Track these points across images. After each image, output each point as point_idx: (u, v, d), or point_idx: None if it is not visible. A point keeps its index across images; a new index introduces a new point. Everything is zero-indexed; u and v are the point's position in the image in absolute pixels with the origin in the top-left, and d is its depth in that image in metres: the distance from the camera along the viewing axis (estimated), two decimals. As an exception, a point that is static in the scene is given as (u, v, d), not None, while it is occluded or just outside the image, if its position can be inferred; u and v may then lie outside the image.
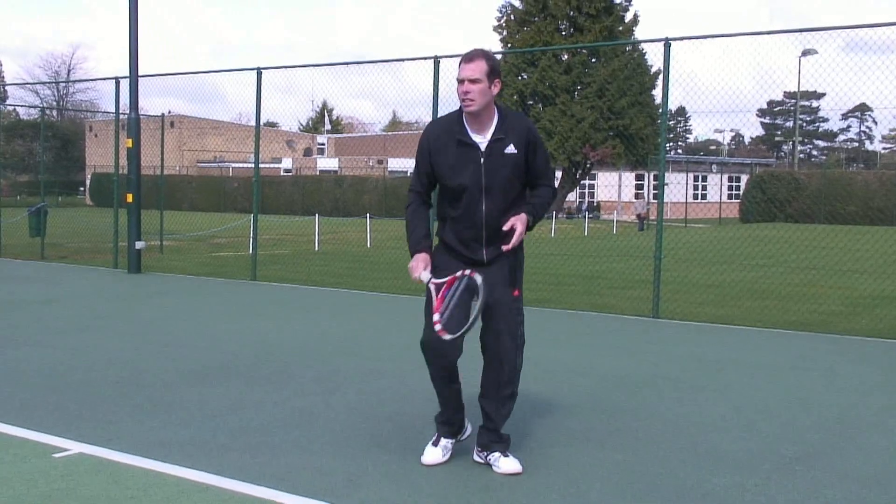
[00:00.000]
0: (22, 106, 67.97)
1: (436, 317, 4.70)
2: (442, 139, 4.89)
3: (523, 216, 4.88)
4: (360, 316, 11.39)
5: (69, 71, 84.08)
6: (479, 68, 4.77)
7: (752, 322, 11.23)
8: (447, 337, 4.66)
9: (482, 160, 4.82)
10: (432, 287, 4.84)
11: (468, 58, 4.83)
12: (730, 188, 61.80)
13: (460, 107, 4.86)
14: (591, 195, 59.26)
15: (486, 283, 4.70)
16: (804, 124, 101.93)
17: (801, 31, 11.19)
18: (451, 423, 5.18)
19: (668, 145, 51.55)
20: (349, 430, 5.84)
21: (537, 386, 7.13)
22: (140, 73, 15.71)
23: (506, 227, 4.82)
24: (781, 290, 14.71)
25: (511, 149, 4.82)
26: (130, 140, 15.50)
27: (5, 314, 10.94)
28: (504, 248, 4.86)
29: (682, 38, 11.05)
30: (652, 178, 52.14)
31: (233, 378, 7.35)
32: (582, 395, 6.98)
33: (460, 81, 4.79)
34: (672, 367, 8.26)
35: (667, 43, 11.10)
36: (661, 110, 11.88)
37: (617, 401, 6.81)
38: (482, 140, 4.84)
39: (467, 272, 4.75)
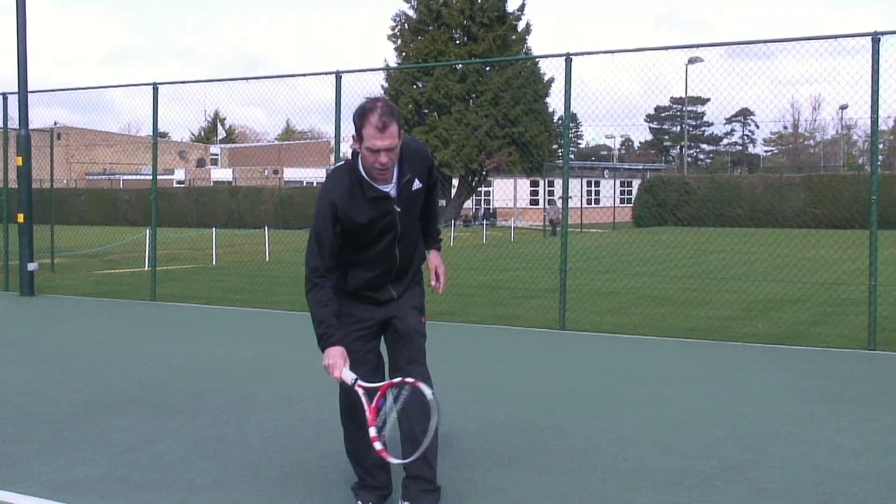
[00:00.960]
0: None
1: (372, 431, 4.17)
2: (347, 199, 4.42)
3: (439, 258, 4.99)
4: (268, 336, 11.21)
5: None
6: (393, 133, 4.26)
7: (654, 330, 11.41)
8: (393, 461, 4.25)
9: (397, 208, 4.49)
10: (360, 392, 4.27)
11: (382, 126, 4.23)
12: (622, 192, 62.94)
13: (350, 160, 4.49)
14: (488, 202, 59.69)
15: (403, 324, 4.66)
16: (691, 129, 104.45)
17: (689, 46, 11.46)
18: (377, 487, 4.78)
19: (560, 151, 52.36)
20: (267, 460, 5.71)
21: (448, 406, 7.08)
22: (29, 89, 15.20)
23: (434, 282, 4.91)
24: (679, 296, 14.99)
25: (417, 184, 4.54)
26: (21, 158, 14.99)
27: None
28: (439, 291, 4.98)
29: (582, 53, 11.17)
30: (546, 184, 52.76)
31: (142, 407, 7.13)
32: (497, 414, 6.96)
33: (374, 151, 4.27)
34: (583, 381, 8.33)
35: (568, 58, 11.21)
36: (562, 122, 12.03)
37: (532, 419, 6.81)
38: (391, 187, 4.47)
39: (409, 380, 4.21)
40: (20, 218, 15.26)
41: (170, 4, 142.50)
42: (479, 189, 52.84)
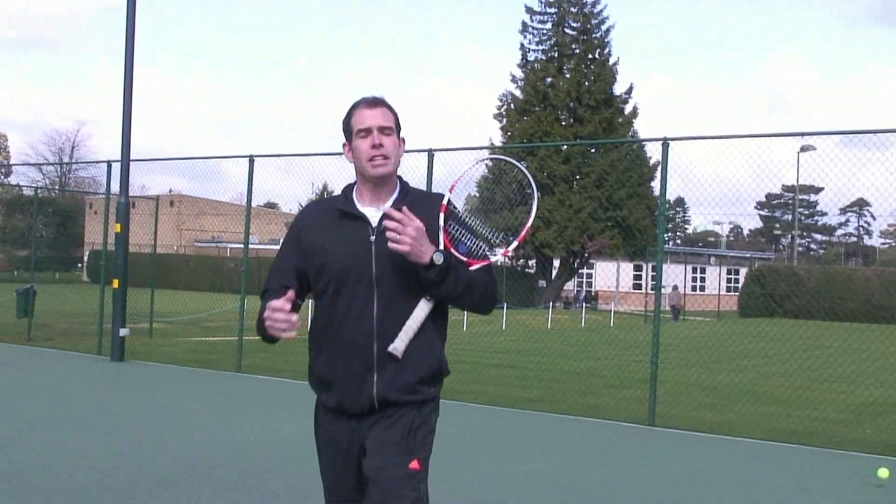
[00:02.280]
0: (26, 187, 68.06)
1: None
2: (317, 217, 3.58)
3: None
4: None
5: (73, 147, 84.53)
6: (387, 115, 3.53)
7: (752, 431, 10.76)
8: None
9: (372, 237, 3.43)
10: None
11: (370, 102, 3.54)
12: (728, 280, 61.51)
13: (348, 185, 3.63)
14: (589, 284, 58.98)
15: (375, 467, 3.35)
16: (802, 218, 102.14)
17: (799, 134, 11.00)
18: None
19: (665, 236, 51.56)
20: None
21: (518, 502, 6.65)
22: (134, 157, 15.48)
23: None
24: (782, 394, 14.25)
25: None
26: (119, 225, 15.18)
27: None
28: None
29: (680, 139, 10.81)
30: (650, 268, 51.90)
31: (200, 484, 6.88)
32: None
33: (365, 131, 3.48)
34: (668, 486, 7.79)
35: (665, 143, 10.85)
36: (658, 206, 11.60)
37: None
38: (374, 211, 3.49)
39: None
40: (115, 283, 15.42)
41: (280, 79, 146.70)
42: (580, 271, 52.25)
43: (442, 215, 3.44)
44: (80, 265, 68.52)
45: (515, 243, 3.69)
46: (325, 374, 3.49)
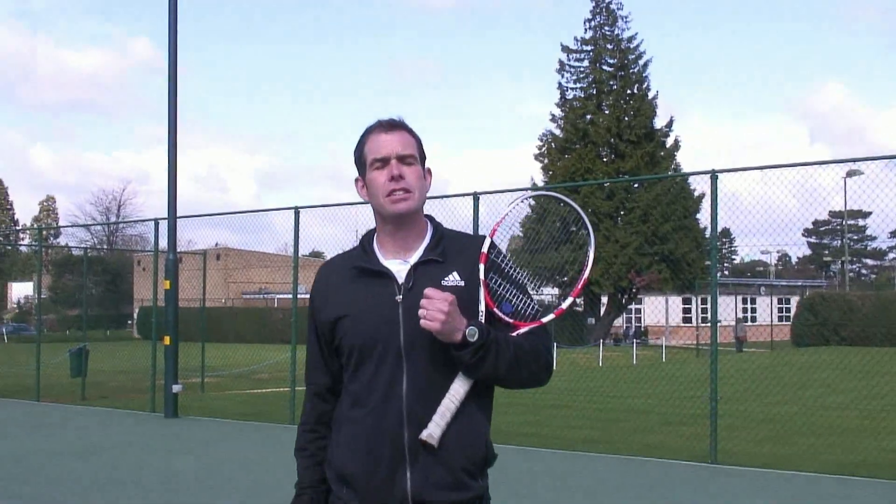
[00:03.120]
0: (75, 247, 69.19)
1: None
2: (330, 282, 2.96)
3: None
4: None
5: (119, 207, 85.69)
6: (408, 141, 2.89)
7: (816, 464, 10.53)
8: None
9: (399, 297, 2.81)
10: None
11: (386, 125, 2.90)
12: (780, 310, 60.69)
13: (368, 233, 3.02)
14: (639, 320, 58.46)
15: None
16: (852, 243, 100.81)
17: (849, 161, 10.88)
18: None
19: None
20: None
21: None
22: (180, 214, 15.64)
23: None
24: (844, 424, 13.96)
25: (454, 279, 2.82)
26: (168, 282, 15.30)
27: (33, 469, 10.54)
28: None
29: (729, 171, 10.71)
30: (699, 301, 51.39)
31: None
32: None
33: (381, 161, 2.84)
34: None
35: (713, 175, 10.75)
36: (710, 240, 11.49)
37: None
38: (400, 265, 2.86)
39: None
40: (166, 340, 15.51)
41: (319, 127, 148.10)
42: (628, 307, 51.87)
43: (482, 266, 2.81)
44: (129, 321, 69.28)
45: (571, 299, 3.07)
46: (344, 468, 2.84)
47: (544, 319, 2.86)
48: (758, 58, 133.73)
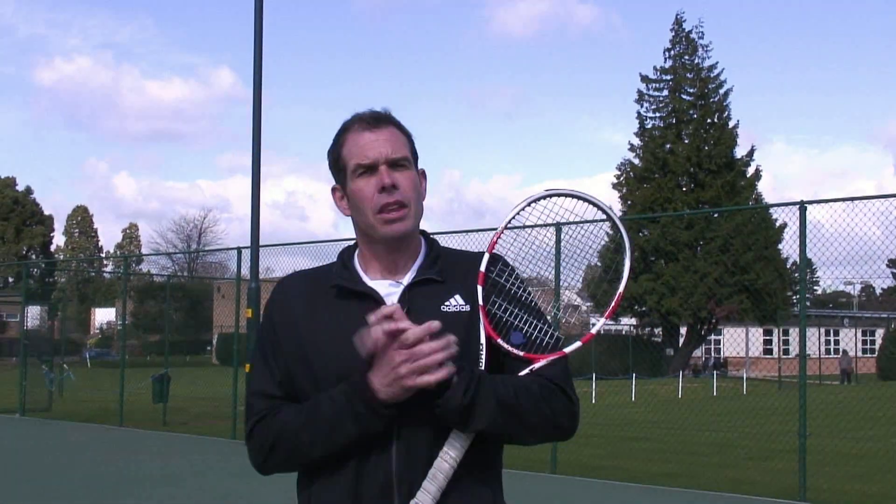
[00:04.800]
0: (157, 275, 70.56)
1: None
2: (300, 298, 2.33)
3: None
4: None
5: (200, 234, 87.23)
6: (398, 139, 2.32)
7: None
8: None
9: None
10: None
11: (370, 120, 2.32)
12: (864, 342, 59.24)
13: (347, 249, 2.42)
14: (717, 351, 57.54)
15: None
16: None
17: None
18: None
19: (794, 298, 50.05)
20: None
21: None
22: (262, 243, 15.84)
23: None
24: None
25: (457, 302, 2.27)
26: (250, 310, 15.48)
27: (116, 494, 10.70)
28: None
29: (818, 202, 10.54)
30: (781, 333, 50.47)
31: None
32: None
33: (367, 168, 2.27)
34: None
35: (802, 206, 10.57)
36: (798, 272, 11.28)
37: None
38: (391, 287, 2.30)
39: None
40: (248, 368, 15.64)
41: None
42: (708, 338, 51.12)
43: (480, 289, 2.27)
44: (208, 348, 70.32)
45: (602, 321, 2.57)
46: None
47: (567, 349, 2.30)
48: (840, 86, 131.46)
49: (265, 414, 2.27)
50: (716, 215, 45.04)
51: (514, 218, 2.39)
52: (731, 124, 47.72)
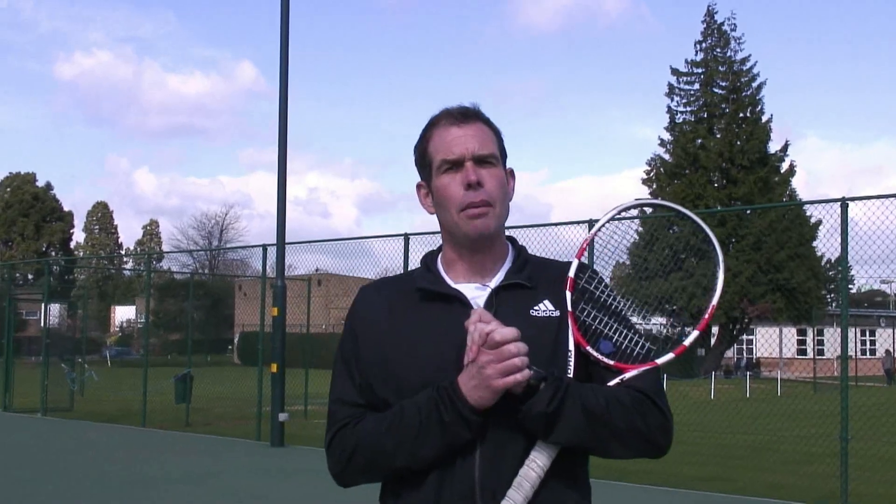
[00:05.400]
0: (177, 272, 70.93)
1: None
2: (382, 306, 2.32)
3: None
4: None
5: (221, 231, 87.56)
6: (486, 136, 2.31)
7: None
8: None
9: None
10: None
11: (458, 115, 2.31)
12: (901, 342, 58.77)
13: (430, 253, 2.43)
14: (749, 351, 57.23)
15: None
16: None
17: None
18: None
19: (829, 296, 49.68)
20: None
21: None
22: (288, 240, 15.87)
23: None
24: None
25: (546, 308, 2.25)
26: (276, 308, 15.50)
27: (139, 496, 10.73)
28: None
29: (860, 198, 10.42)
30: (815, 333, 50.09)
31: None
32: None
33: (453, 163, 2.26)
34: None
35: (844, 203, 10.45)
36: (833, 271, 11.16)
37: None
38: (477, 290, 2.28)
39: None
40: (273, 368, 15.68)
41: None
42: (740, 338, 50.84)
43: (568, 294, 2.25)
44: (230, 347, 70.56)
45: (695, 334, 2.40)
46: None
47: (659, 360, 2.24)
48: (875, 79, 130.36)
49: (347, 422, 2.27)
50: (748, 212, 44.79)
51: (604, 226, 2.40)
52: (764, 118, 47.48)
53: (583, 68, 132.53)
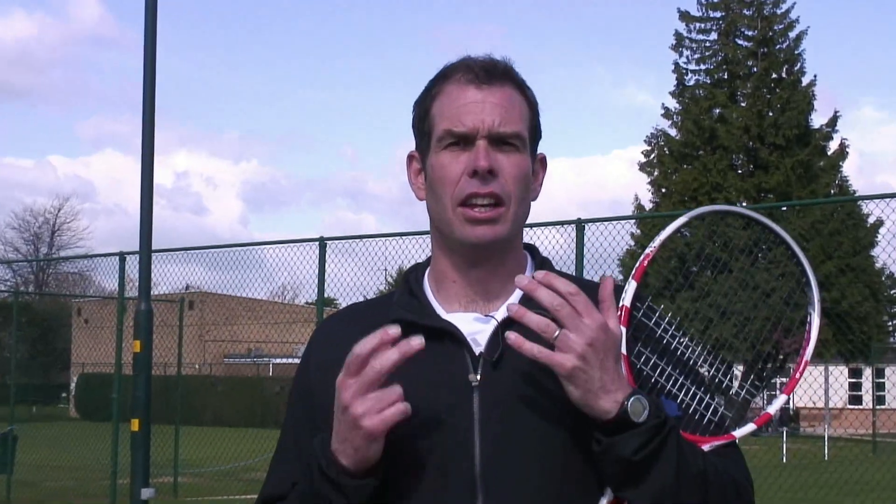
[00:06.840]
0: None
1: None
2: (349, 339, 2.09)
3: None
4: None
5: (53, 233, 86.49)
6: (514, 107, 2.25)
7: None
8: None
9: (475, 377, 2.15)
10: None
11: (483, 72, 2.23)
12: None
13: (415, 266, 2.40)
14: (787, 401, 57.79)
15: None
16: None
17: None
18: None
19: (892, 323, 50.24)
20: None
21: None
22: (155, 248, 15.70)
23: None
24: None
25: None
26: (139, 342, 15.24)
27: None
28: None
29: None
30: (874, 373, 50.80)
31: None
32: None
33: (462, 137, 2.19)
34: None
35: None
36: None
37: None
38: (477, 321, 2.22)
39: None
40: (134, 425, 15.44)
41: (335, 136, 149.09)
42: (773, 380, 51.41)
43: (623, 331, 2.13)
44: (64, 394, 69.64)
45: (783, 398, 2.54)
46: None
47: (737, 432, 2.23)
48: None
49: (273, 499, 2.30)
50: (783, 209, 45.35)
51: (664, 240, 2.40)
52: (804, 81, 47.95)
53: (556, 9, 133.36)
